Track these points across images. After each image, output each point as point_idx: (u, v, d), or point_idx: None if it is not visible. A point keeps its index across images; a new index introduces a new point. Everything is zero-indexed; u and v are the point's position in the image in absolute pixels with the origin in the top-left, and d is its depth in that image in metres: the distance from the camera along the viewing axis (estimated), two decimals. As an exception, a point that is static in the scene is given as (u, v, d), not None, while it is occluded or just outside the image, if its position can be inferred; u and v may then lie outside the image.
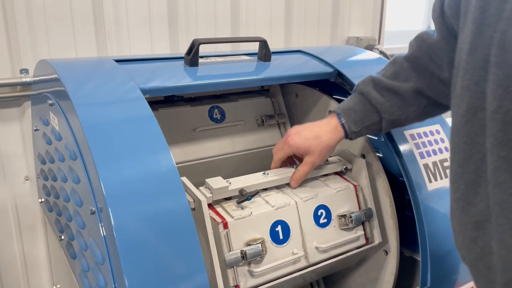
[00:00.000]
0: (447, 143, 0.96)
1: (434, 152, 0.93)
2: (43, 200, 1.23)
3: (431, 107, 0.83)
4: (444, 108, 0.84)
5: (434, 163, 0.92)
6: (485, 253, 0.58)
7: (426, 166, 0.91)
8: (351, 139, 0.87)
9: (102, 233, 0.67)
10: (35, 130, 1.11)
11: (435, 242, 0.89)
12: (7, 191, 1.31)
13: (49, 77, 0.85)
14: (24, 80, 1.23)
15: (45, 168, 1.08)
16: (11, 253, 1.34)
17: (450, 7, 0.69)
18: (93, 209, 0.68)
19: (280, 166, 0.91)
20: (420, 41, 0.82)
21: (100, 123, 0.72)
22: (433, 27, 0.80)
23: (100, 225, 0.67)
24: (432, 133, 0.96)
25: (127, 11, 1.31)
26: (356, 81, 1.00)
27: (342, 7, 1.81)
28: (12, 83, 1.23)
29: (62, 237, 1.04)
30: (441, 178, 0.92)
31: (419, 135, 0.94)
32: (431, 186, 0.90)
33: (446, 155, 0.95)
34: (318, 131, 0.85)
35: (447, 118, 1.05)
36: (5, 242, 1.33)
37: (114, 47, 1.30)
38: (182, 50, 1.34)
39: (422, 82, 0.80)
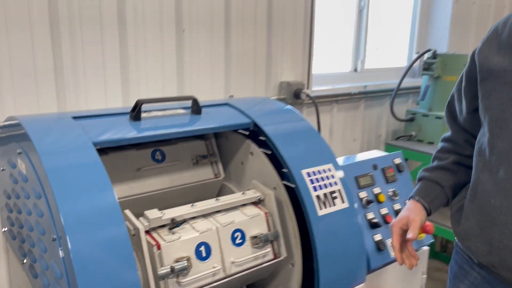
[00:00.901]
0: (336, 179, 1.25)
1: (325, 186, 1.21)
2: (6, 229, 1.41)
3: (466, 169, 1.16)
4: None
5: (325, 194, 1.20)
6: None
7: (318, 197, 1.19)
8: (430, 212, 1.14)
9: (61, 255, 0.88)
10: (2, 170, 1.31)
11: (325, 254, 1.15)
12: (-28, 222, 1.47)
13: (19, 131, 1.07)
14: (-10, 125, 1.42)
15: (10, 202, 1.27)
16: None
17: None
18: (54, 236, 0.90)
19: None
20: (442, 143, 1.22)
21: (60, 170, 0.94)
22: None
23: (59, 249, 0.89)
24: (324, 171, 1.24)
25: (84, 68, 1.55)
26: (266, 129, 1.28)
27: (274, 57, 2.11)
28: (-20, 128, 1.42)
29: (25, 260, 1.23)
30: (330, 206, 1.19)
31: (314, 172, 1.22)
32: (321, 212, 1.17)
33: (335, 187, 1.23)
34: (412, 210, 1.12)
35: (337, 158, 1.34)
36: (-31, 268, 1.49)
37: (72, 99, 1.52)
38: (134, 101, 1.59)
39: (454, 160, 1.18)
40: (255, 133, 1.36)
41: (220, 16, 1.88)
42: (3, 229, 1.43)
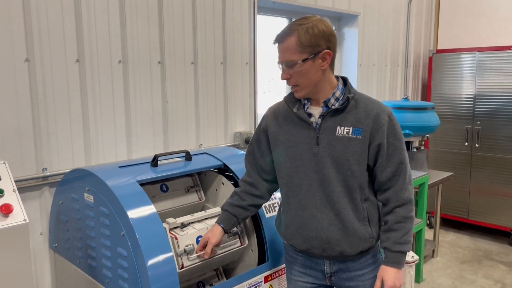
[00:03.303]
0: (276, 195, 2.07)
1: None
2: (57, 244, 2.09)
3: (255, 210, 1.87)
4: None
5: (269, 205, 2.01)
6: None
7: (265, 206, 2.00)
8: (227, 232, 1.79)
9: (128, 243, 1.61)
10: (61, 203, 2.01)
11: (271, 240, 1.96)
12: (28, 243, 2.12)
13: (88, 176, 1.80)
14: (44, 174, 2.12)
15: (69, 224, 1.97)
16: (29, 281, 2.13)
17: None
18: (123, 233, 1.63)
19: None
20: (244, 184, 1.80)
21: (124, 195, 1.68)
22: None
23: (127, 240, 1.62)
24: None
25: (103, 137, 2.30)
26: (233, 167, 2.09)
27: (230, 115, 2.95)
28: (37, 177, 2.10)
29: (79, 261, 1.93)
30: (272, 212, 2.01)
31: (262, 192, 2.04)
32: (268, 215, 1.99)
33: (275, 200, 2.04)
34: (213, 231, 1.78)
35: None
36: (27, 275, 2.12)
37: (95, 152, 2.26)
38: (135, 155, 2.37)
39: (249, 202, 1.80)
40: (222, 170, 2.17)
41: (191, 94, 2.71)
42: (54, 245, 2.11)
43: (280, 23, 3.56)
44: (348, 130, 1.56)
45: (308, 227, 1.64)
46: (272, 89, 3.72)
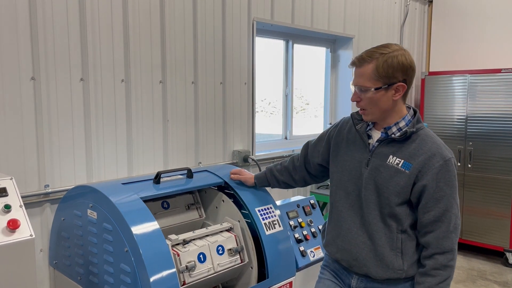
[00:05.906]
0: (275, 213, 2.10)
1: (268, 217, 2.07)
2: (56, 262, 2.10)
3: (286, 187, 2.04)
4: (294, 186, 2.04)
5: (269, 222, 2.05)
6: None
7: (265, 224, 2.03)
8: (256, 185, 2.08)
9: (132, 259, 1.63)
10: (63, 220, 2.02)
11: (271, 258, 1.98)
12: (28, 259, 2.12)
13: (91, 193, 1.83)
14: (46, 191, 2.13)
15: (70, 241, 1.98)
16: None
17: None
18: (127, 249, 1.65)
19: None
20: (291, 163, 2.00)
21: (128, 211, 1.71)
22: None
23: (131, 256, 1.64)
24: (268, 209, 2.10)
25: (104, 154, 2.33)
26: (234, 184, 2.13)
27: (228, 134, 3.00)
28: (39, 193, 2.12)
29: (80, 277, 1.93)
30: (272, 229, 2.04)
31: (262, 209, 2.07)
32: (268, 232, 2.02)
33: (274, 218, 2.08)
34: (249, 179, 2.06)
35: (276, 201, 2.21)
36: (26, 292, 2.11)
37: (96, 170, 2.29)
38: (135, 173, 2.40)
39: (284, 180, 2.00)
40: (223, 188, 2.20)
41: (191, 113, 2.76)
42: (54, 262, 2.11)
43: (277, 44, 3.66)
44: (399, 162, 1.57)
45: (343, 239, 1.70)
46: (264, 108, 3.78)
